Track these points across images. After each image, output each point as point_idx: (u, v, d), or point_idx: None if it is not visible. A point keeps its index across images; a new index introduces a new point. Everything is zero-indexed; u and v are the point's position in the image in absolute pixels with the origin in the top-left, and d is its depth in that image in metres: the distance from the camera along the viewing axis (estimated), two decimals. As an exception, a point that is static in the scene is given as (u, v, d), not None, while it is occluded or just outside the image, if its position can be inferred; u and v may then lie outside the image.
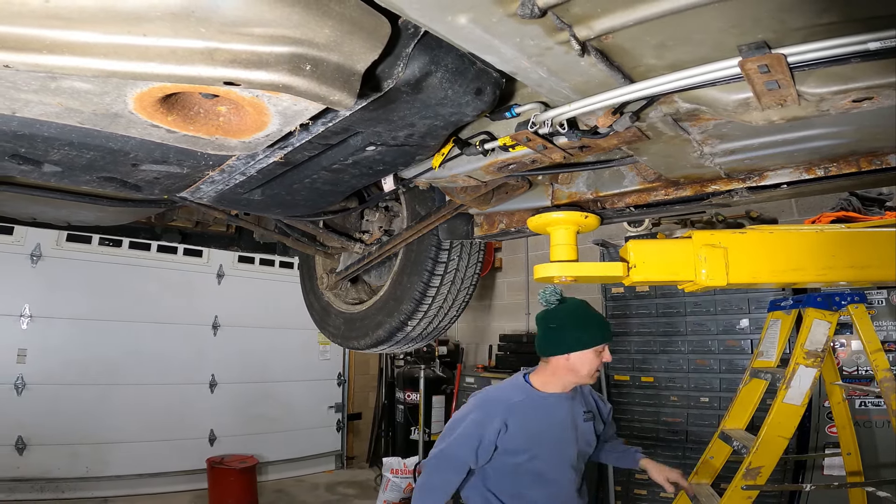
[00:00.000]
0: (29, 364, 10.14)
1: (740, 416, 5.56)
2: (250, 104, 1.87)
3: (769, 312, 5.83)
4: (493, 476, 4.24)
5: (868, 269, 3.11)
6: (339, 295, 5.45)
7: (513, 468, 4.19)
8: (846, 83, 1.86)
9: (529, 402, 4.24)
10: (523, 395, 4.29)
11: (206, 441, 11.87)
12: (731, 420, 5.56)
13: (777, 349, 5.54)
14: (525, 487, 4.20)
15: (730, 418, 5.57)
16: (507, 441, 4.13)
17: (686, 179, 2.89)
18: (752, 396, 5.57)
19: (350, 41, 1.66)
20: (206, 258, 12.32)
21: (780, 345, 5.56)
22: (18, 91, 1.76)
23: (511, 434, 4.14)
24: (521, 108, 2.40)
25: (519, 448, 4.14)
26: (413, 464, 11.18)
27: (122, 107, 1.88)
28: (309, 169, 2.90)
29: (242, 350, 12.57)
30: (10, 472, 9.77)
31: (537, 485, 4.19)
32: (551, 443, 4.21)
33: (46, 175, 2.77)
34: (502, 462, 4.19)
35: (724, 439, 5.38)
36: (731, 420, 5.56)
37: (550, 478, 4.19)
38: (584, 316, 4.31)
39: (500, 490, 4.23)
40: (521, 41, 1.69)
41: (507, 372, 10.22)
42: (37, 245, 10.34)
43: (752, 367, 5.63)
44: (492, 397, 4.37)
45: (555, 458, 4.21)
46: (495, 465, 4.21)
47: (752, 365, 5.65)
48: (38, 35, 1.41)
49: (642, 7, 1.57)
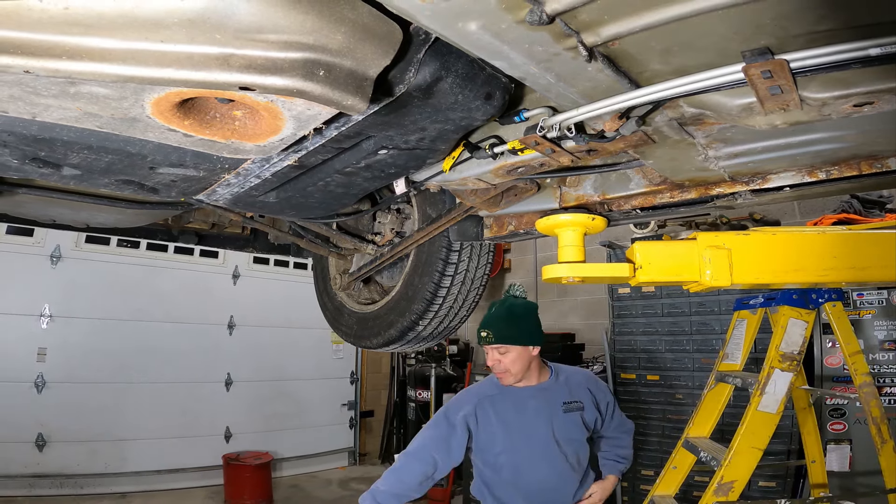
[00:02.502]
0: (49, 363, 10.20)
1: (705, 422, 5.38)
2: (265, 109, 1.87)
3: (735, 311, 5.68)
4: (485, 470, 4.37)
5: (869, 270, 3.11)
6: (351, 295, 5.46)
7: (494, 461, 4.29)
8: (847, 88, 1.85)
9: (500, 396, 4.37)
10: (496, 389, 4.44)
11: (221, 438, 11.92)
12: (695, 427, 5.37)
13: (742, 352, 5.38)
14: (511, 479, 4.28)
15: (694, 426, 5.37)
16: (480, 435, 4.29)
17: (691, 182, 2.88)
18: (718, 402, 5.39)
19: (363, 47, 1.66)
20: (222, 259, 12.37)
21: (745, 347, 5.40)
22: (38, 96, 1.76)
23: (482, 427, 4.28)
24: (529, 112, 2.41)
25: (492, 441, 4.28)
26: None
27: (139, 111, 1.88)
28: (322, 172, 2.90)
29: (257, 349, 12.62)
30: (31, 468, 9.83)
31: (521, 476, 4.26)
32: (523, 435, 4.28)
33: (66, 178, 2.78)
34: (484, 458, 4.33)
35: (688, 448, 5.21)
36: (696, 427, 5.37)
37: (529, 468, 4.26)
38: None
39: (493, 483, 4.34)
40: (529, 47, 1.69)
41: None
42: (57, 246, 10.40)
43: (717, 370, 5.43)
44: (465, 391, 4.60)
45: (528, 449, 4.27)
46: (482, 460, 4.35)
47: (717, 368, 5.45)
48: (57, 41, 1.41)
49: (648, 14, 1.57)
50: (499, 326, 4.28)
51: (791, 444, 7.48)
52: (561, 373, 4.58)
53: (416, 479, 4.19)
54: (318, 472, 13.20)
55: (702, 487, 4.63)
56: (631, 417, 4.69)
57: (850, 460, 6.92)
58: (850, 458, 6.92)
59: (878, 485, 5.21)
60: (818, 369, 7.44)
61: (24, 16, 1.35)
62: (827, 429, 7.15)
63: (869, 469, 6.59)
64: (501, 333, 4.26)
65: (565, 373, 4.61)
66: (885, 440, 4.47)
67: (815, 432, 5.49)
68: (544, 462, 4.27)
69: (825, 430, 7.09)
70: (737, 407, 5.37)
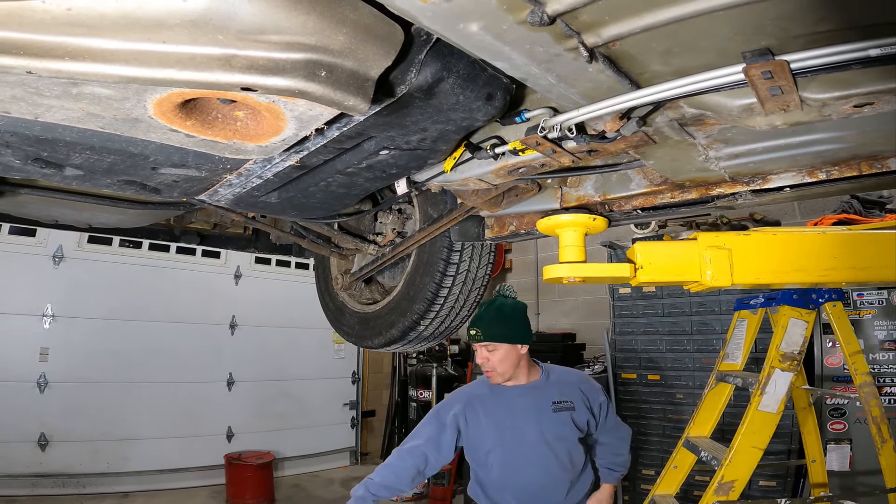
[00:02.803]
0: (51, 363, 10.21)
1: (706, 422, 5.36)
2: (267, 109, 1.87)
3: (735, 311, 5.66)
4: (477, 471, 4.46)
5: (869, 270, 3.11)
6: (353, 295, 5.46)
7: (484, 460, 4.35)
8: (847, 89, 1.85)
9: (490, 395, 4.44)
10: (486, 389, 4.53)
11: (223, 437, 11.94)
12: (696, 427, 5.35)
13: (742, 351, 5.37)
14: (500, 478, 4.33)
15: (695, 425, 5.36)
16: (470, 434, 4.35)
17: (691, 183, 2.88)
18: (718, 402, 5.37)
19: (364, 48, 1.66)
20: (223, 259, 12.38)
21: (745, 346, 5.39)
22: (41, 97, 1.77)
23: (472, 426, 4.34)
24: (530, 113, 2.41)
25: (482, 440, 4.34)
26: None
27: (141, 112, 1.88)
28: (324, 172, 2.90)
29: (259, 349, 12.63)
30: (33, 467, 9.84)
31: (511, 475, 4.31)
32: (512, 434, 4.32)
33: (68, 178, 2.78)
34: (475, 457, 4.41)
35: (689, 448, 5.19)
36: (697, 427, 5.35)
37: (519, 468, 4.29)
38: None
39: (485, 483, 4.41)
40: (530, 48, 1.69)
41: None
42: (59, 246, 10.42)
43: (717, 370, 5.42)
44: (457, 391, 4.72)
45: (518, 448, 4.30)
46: (474, 459, 4.44)
47: (717, 368, 5.44)
48: (60, 42, 1.41)
49: (649, 15, 1.57)
50: (488, 325, 4.33)
51: (791, 444, 7.48)
52: (552, 373, 4.61)
53: (409, 473, 4.24)
54: (320, 471, 13.20)
55: (702, 487, 4.62)
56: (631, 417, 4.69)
57: (850, 460, 6.92)
58: (850, 458, 6.92)
59: (877, 484, 5.20)
60: (818, 369, 7.45)
61: (26, 16, 1.35)
62: (827, 428, 7.15)
63: (869, 469, 6.59)
64: (490, 332, 4.31)
65: (556, 373, 4.64)
66: (886, 439, 4.46)
67: (815, 432, 5.47)
68: (534, 461, 4.30)
69: (825, 430, 7.09)
70: (737, 406, 5.36)
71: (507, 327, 4.34)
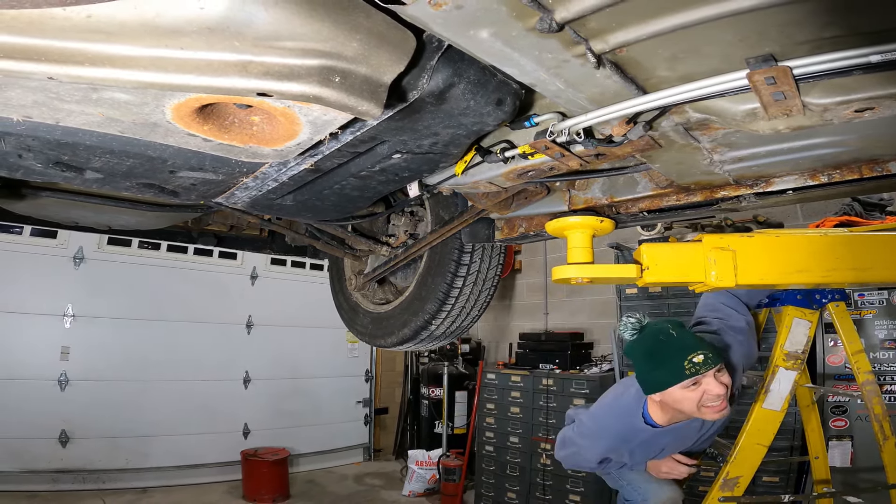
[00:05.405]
0: (72, 361, 10.27)
1: None
2: (282, 114, 1.87)
3: None
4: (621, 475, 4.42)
5: (870, 271, 3.09)
6: (366, 295, 5.46)
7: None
8: (849, 94, 1.85)
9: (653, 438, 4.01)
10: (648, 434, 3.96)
11: (240, 434, 11.97)
12: None
13: None
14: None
15: None
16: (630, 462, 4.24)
17: (696, 185, 2.88)
18: None
19: (377, 54, 1.67)
20: (240, 260, 12.40)
21: None
22: (62, 102, 1.77)
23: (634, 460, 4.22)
24: (539, 117, 2.40)
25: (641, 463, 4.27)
26: (437, 456, 11.19)
27: (160, 117, 1.88)
28: (338, 176, 2.91)
29: (275, 348, 12.66)
30: (55, 463, 9.89)
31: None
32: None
33: (88, 181, 2.79)
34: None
35: None
36: None
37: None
38: (656, 350, 3.63)
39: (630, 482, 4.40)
40: (539, 54, 1.70)
41: (526, 369, 10.29)
42: (79, 248, 10.46)
43: None
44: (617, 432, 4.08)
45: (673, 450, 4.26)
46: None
47: None
48: (80, 48, 1.42)
49: (655, 22, 1.57)
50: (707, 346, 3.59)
51: (794, 441, 7.45)
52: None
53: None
54: (334, 467, 13.21)
55: (707, 482, 4.62)
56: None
57: (852, 456, 6.91)
58: (852, 454, 6.91)
59: (879, 480, 5.18)
60: (821, 367, 7.42)
61: (47, 24, 1.35)
62: (829, 425, 7.12)
63: (869, 465, 6.58)
64: (716, 350, 3.65)
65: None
66: (888, 436, 4.43)
67: (818, 429, 5.41)
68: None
69: (827, 427, 7.05)
70: (742, 404, 5.35)
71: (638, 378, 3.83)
